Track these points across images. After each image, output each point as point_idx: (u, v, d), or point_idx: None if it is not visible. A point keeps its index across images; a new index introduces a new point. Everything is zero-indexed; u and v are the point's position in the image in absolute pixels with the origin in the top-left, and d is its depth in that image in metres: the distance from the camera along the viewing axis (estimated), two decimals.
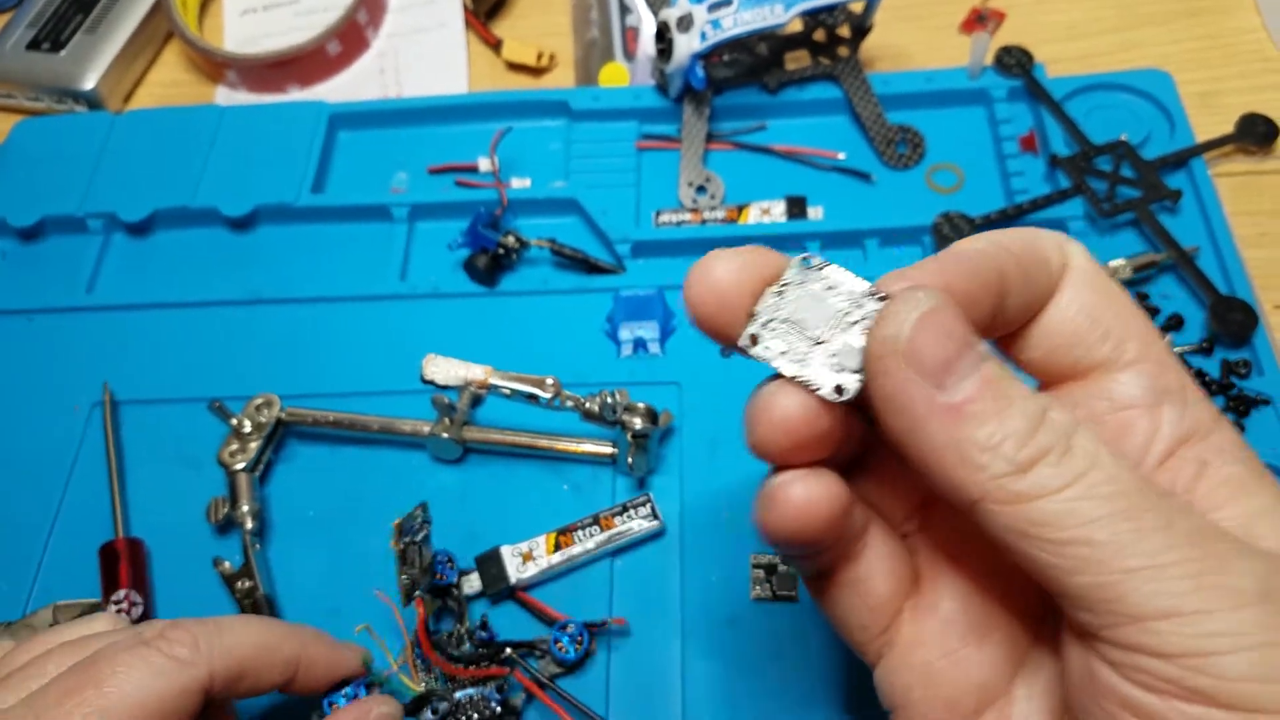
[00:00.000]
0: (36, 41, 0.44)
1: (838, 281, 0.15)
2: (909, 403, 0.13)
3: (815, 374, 0.15)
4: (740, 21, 0.35)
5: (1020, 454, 0.13)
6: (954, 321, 0.13)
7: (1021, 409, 0.13)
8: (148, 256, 0.38)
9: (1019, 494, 0.13)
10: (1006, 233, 0.15)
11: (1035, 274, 0.15)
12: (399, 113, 0.40)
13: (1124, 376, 0.15)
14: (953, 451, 0.13)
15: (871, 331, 0.14)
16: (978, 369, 0.13)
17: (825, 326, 0.15)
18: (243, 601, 0.29)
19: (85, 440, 0.34)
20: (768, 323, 0.15)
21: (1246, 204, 0.36)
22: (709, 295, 0.15)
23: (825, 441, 0.15)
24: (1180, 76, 0.39)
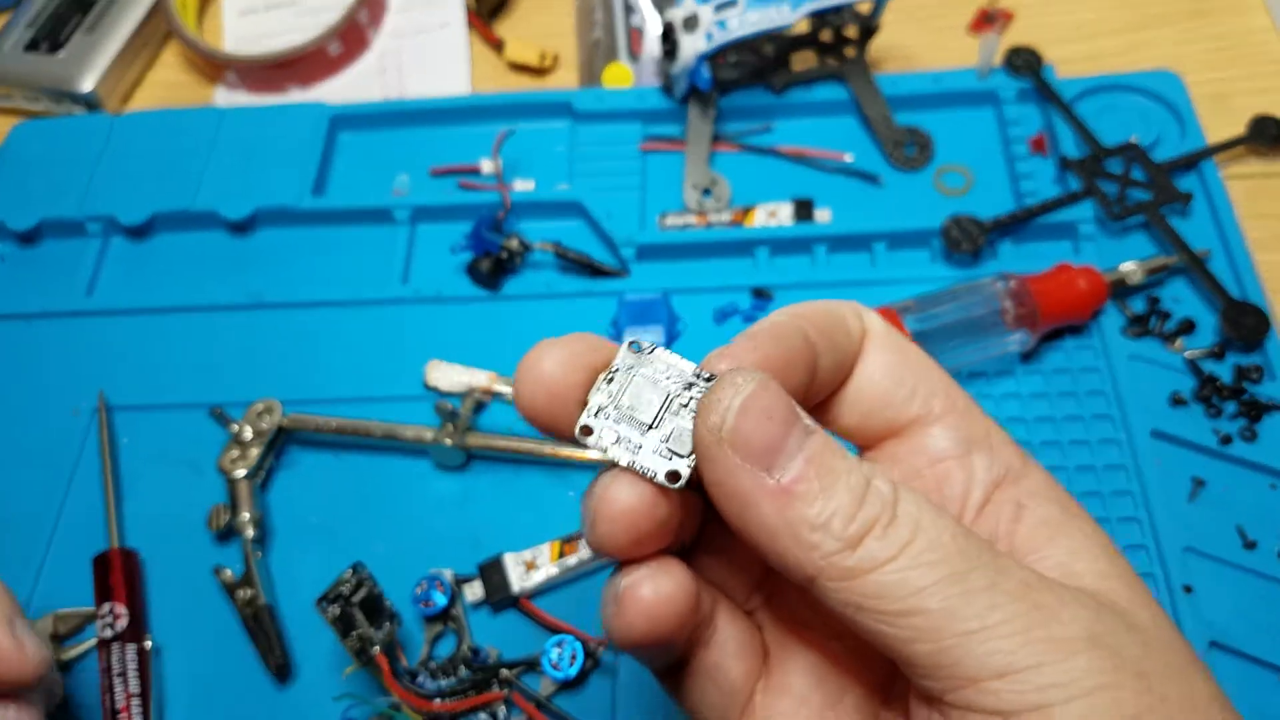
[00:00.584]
0: (35, 42, 0.44)
1: (666, 365, 0.15)
2: (739, 487, 0.14)
3: (650, 461, 0.15)
4: (746, 22, 0.35)
5: (848, 530, 0.13)
6: (775, 401, 0.14)
7: (846, 483, 0.14)
8: (147, 260, 0.38)
9: (850, 570, 0.13)
10: (803, 305, 0.16)
11: (838, 338, 0.16)
12: (401, 114, 0.40)
13: (934, 430, 0.16)
14: (786, 532, 0.13)
15: (696, 420, 0.14)
16: (802, 447, 0.14)
17: (657, 412, 0.15)
18: (243, 610, 0.29)
19: (85, 445, 0.33)
20: (599, 412, 0.15)
21: (1259, 206, 0.36)
22: (538, 389, 0.15)
23: (666, 530, 0.15)
24: (1190, 77, 0.38)
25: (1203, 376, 0.32)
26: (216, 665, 0.29)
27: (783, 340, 0.15)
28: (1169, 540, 0.29)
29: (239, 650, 0.29)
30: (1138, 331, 0.33)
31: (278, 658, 0.28)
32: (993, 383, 0.32)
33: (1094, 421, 0.31)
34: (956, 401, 0.16)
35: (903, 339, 0.17)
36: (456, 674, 0.27)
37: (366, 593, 0.26)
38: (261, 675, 0.29)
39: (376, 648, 0.25)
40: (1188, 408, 0.31)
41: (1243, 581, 0.28)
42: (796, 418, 0.14)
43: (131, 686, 0.28)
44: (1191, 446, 0.30)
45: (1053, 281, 0.32)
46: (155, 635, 0.29)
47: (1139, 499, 0.30)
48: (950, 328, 0.31)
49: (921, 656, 0.13)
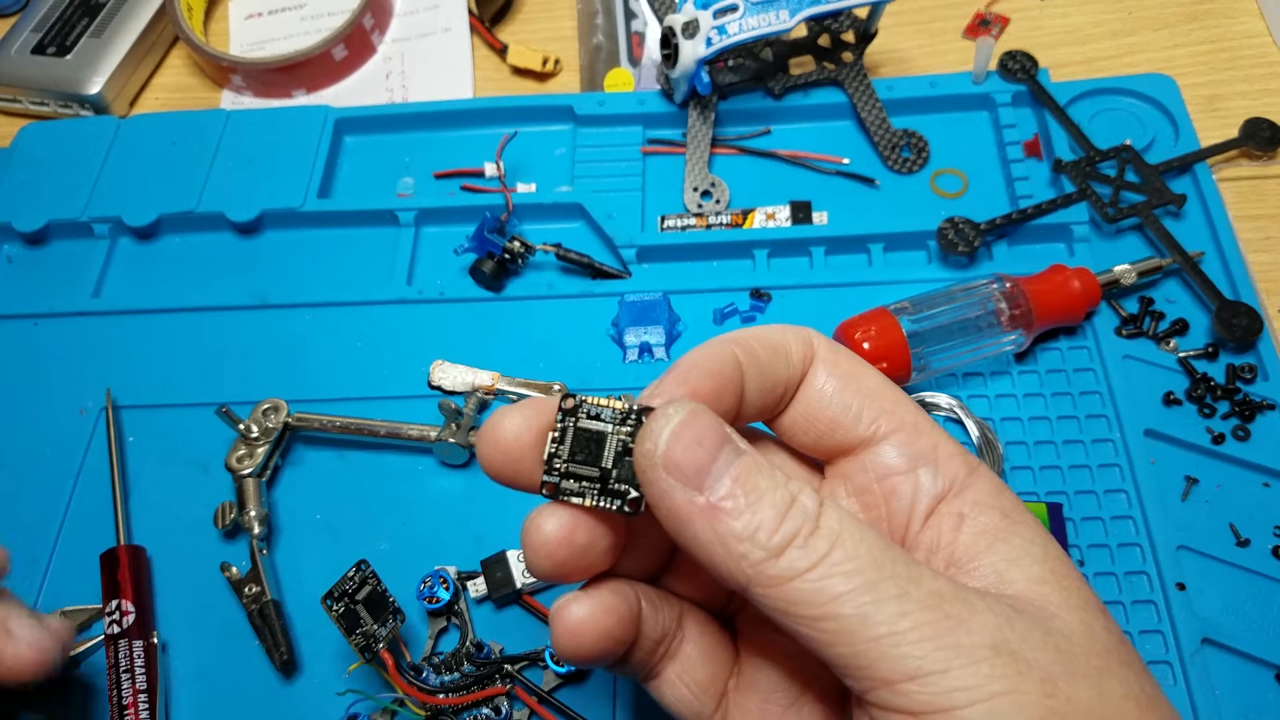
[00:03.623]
0: (42, 46, 0.44)
1: (599, 409, 0.17)
2: (674, 506, 0.15)
3: (608, 500, 0.16)
4: (745, 27, 0.35)
5: (772, 540, 0.14)
6: (704, 428, 0.15)
7: (771, 499, 0.15)
8: (154, 261, 0.39)
9: (775, 577, 0.14)
10: (743, 332, 0.17)
11: (774, 365, 0.17)
12: (405, 117, 0.40)
13: (883, 448, 0.17)
14: (718, 545, 0.15)
15: (634, 449, 0.16)
16: (729, 468, 0.15)
17: (604, 454, 0.16)
18: (249, 606, 0.29)
19: (92, 444, 0.34)
20: (554, 468, 0.17)
21: (1251, 208, 0.36)
22: (497, 454, 0.17)
23: (596, 555, 0.17)
24: (1184, 81, 0.39)
25: (1196, 376, 0.32)
26: (223, 661, 0.29)
27: (710, 373, 0.16)
28: (1162, 538, 0.29)
29: (245, 646, 0.29)
30: (1131, 332, 0.33)
31: (283, 654, 0.28)
32: (988, 383, 0.33)
33: (1088, 421, 0.32)
34: (904, 419, 0.17)
35: (852, 363, 0.18)
36: (460, 669, 0.27)
37: (371, 589, 0.26)
38: (267, 671, 0.29)
39: (381, 644, 0.26)
40: (1181, 407, 0.32)
41: (1235, 579, 0.28)
42: (725, 441, 0.15)
43: (139, 682, 0.28)
44: (1185, 445, 0.31)
45: (1047, 283, 0.32)
46: (162, 631, 0.30)
47: (1132, 497, 0.30)
48: (946, 328, 0.31)
49: (841, 659, 0.14)
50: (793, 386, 0.18)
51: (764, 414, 0.18)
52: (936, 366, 0.31)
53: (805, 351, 0.18)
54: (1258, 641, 0.27)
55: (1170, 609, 0.28)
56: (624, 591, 0.17)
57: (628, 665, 0.18)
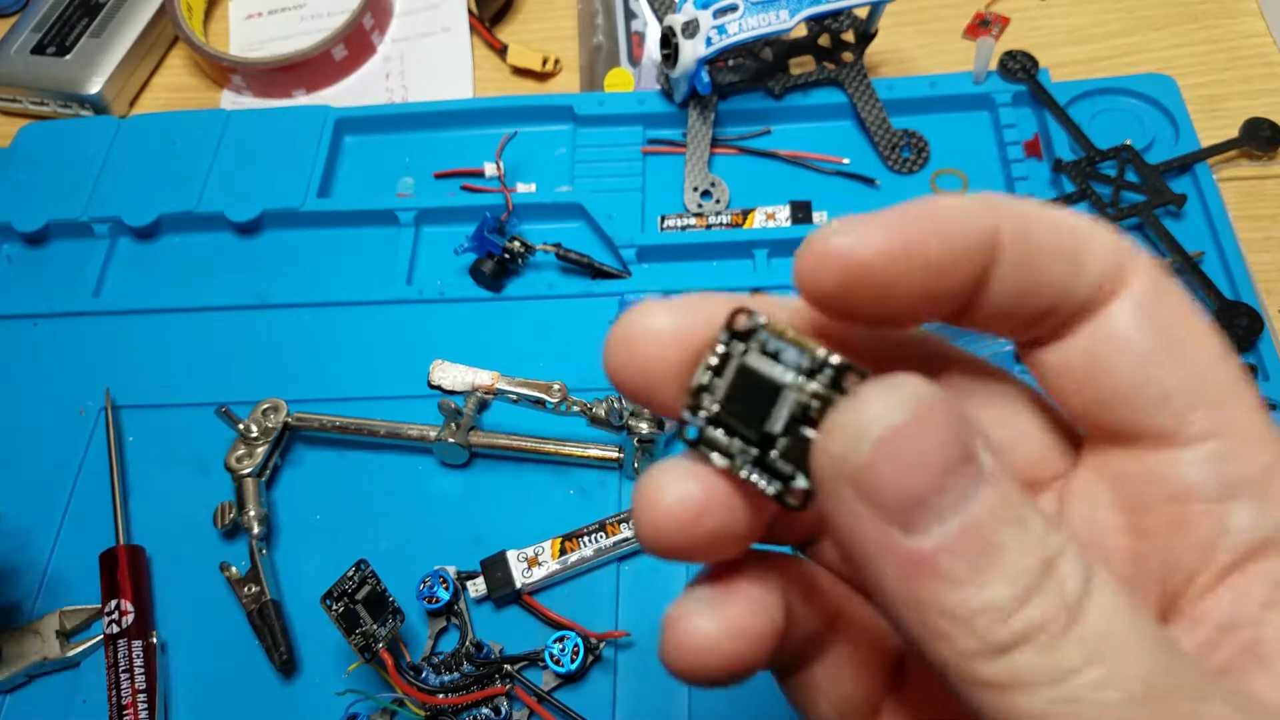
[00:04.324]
0: (42, 46, 0.44)
1: (781, 344, 0.11)
2: (860, 541, 0.10)
3: (760, 477, 0.11)
4: (745, 27, 0.35)
5: (999, 632, 0.09)
6: (934, 439, 0.10)
7: (1014, 567, 0.10)
8: (154, 261, 0.39)
9: (989, 680, 0.10)
10: (1032, 202, 0.12)
11: (1051, 265, 0.11)
12: (405, 117, 0.40)
13: (1188, 455, 0.11)
14: (915, 613, 0.10)
15: (820, 438, 0.10)
16: (962, 509, 0.10)
17: (773, 413, 0.11)
18: (249, 606, 0.29)
19: (92, 444, 0.34)
20: (701, 405, 0.12)
21: (1251, 208, 0.36)
22: (633, 367, 0.12)
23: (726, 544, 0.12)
24: (1184, 81, 0.39)
25: None
26: (222, 661, 0.29)
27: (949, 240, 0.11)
28: None
29: (244, 646, 0.29)
30: None
31: (283, 654, 0.28)
32: None
33: None
34: (1234, 421, 0.11)
35: (1182, 316, 0.12)
36: (459, 669, 0.27)
37: (370, 589, 0.26)
38: (267, 671, 0.29)
39: (380, 643, 0.26)
40: None
41: None
42: (965, 463, 0.10)
43: (138, 682, 0.28)
44: None
45: None
46: (161, 631, 0.30)
47: None
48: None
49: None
50: (1074, 310, 0.12)
51: (1015, 330, 0.12)
52: None
53: (1113, 268, 0.11)
54: None
55: None
56: (764, 598, 0.12)
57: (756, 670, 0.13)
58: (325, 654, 0.29)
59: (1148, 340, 0.11)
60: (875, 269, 0.11)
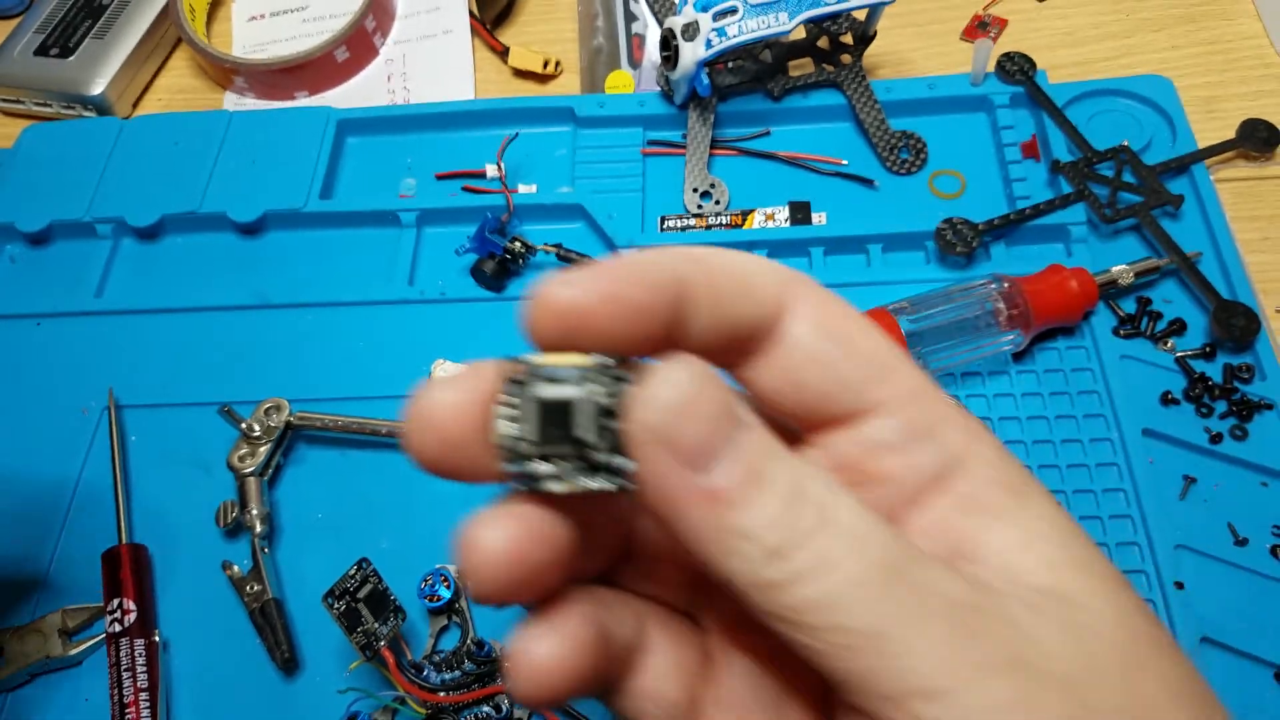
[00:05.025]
0: (45, 47, 0.45)
1: (556, 370, 0.13)
2: (669, 490, 0.13)
3: (600, 478, 0.13)
4: (745, 29, 0.35)
5: (775, 540, 0.12)
6: (713, 398, 0.13)
7: (779, 489, 0.12)
8: (156, 261, 0.39)
9: (774, 582, 0.12)
10: (711, 250, 0.14)
11: (733, 300, 0.14)
12: (406, 119, 0.41)
13: (877, 421, 0.14)
14: (713, 539, 0.12)
15: (628, 419, 0.13)
16: (736, 447, 0.13)
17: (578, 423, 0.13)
18: (251, 605, 0.29)
19: (94, 443, 0.34)
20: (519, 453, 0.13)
21: (1248, 209, 0.37)
22: (433, 441, 0.13)
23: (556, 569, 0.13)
24: (1181, 82, 0.39)
25: (1193, 376, 0.32)
26: (224, 659, 0.29)
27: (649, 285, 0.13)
28: (1160, 537, 0.29)
29: (246, 645, 0.29)
30: (1129, 332, 0.34)
31: (284, 652, 0.28)
32: (986, 382, 0.33)
33: (1086, 420, 0.32)
34: (905, 387, 0.14)
35: (847, 318, 0.15)
36: (461, 667, 0.27)
37: (372, 588, 0.27)
38: (268, 669, 0.29)
39: (382, 642, 0.26)
40: (1179, 407, 0.32)
41: (1234, 578, 0.29)
42: (731, 412, 0.13)
43: (140, 681, 0.28)
44: (1182, 445, 0.31)
45: (1045, 283, 0.32)
46: (164, 630, 0.30)
47: (1131, 496, 0.30)
48: (944, 328, 0.31)
49: (843, 673, 0.12)
50: (761, 333, 0.14)
51: (720, 359, 0.15)
52: (935, 366, 0.32)
53: (783, 293, 0.14)
54: (1256, 640, 0.27)
55: (1169, 608, 0.28)
56: (586, 611, 0.14)
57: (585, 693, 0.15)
58: (327, 652, 0.29)
59: (822, 344, 0.14)
60: (589, 315, 0.13)
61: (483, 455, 0.13)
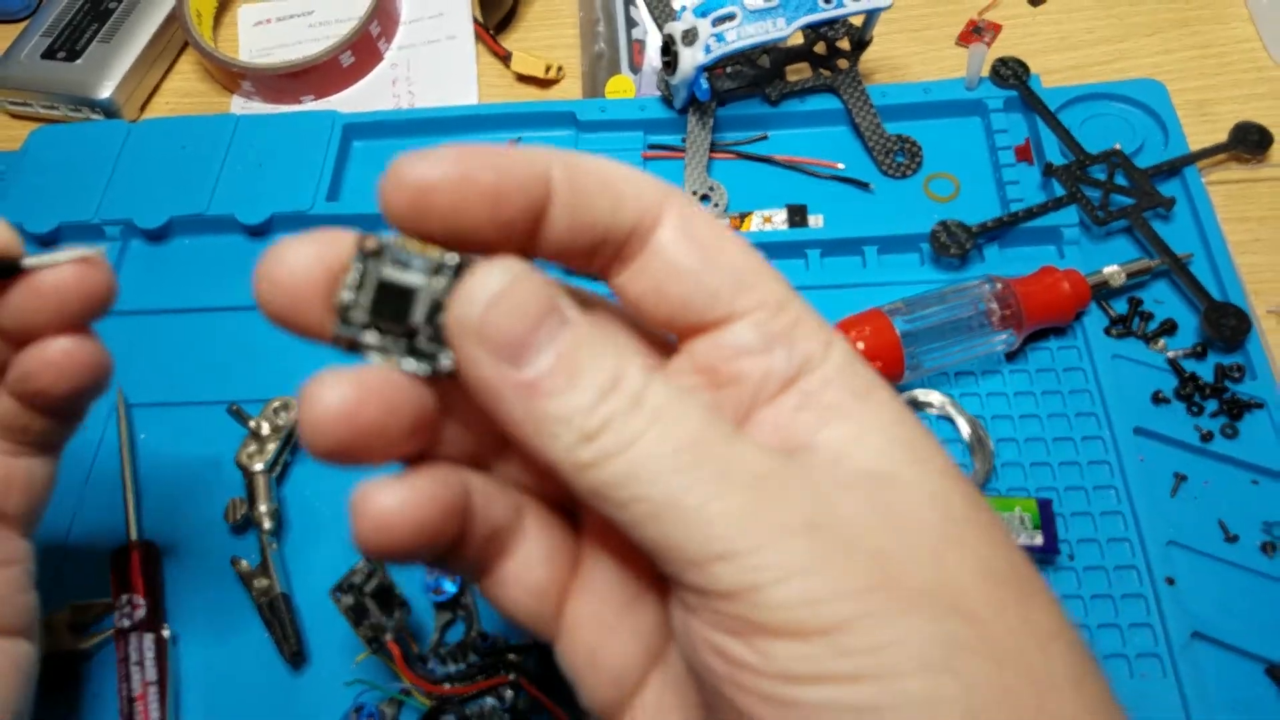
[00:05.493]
0: (52, 50, 0.45)
1: (408, 255, 0.14)
2: (487, 381, 0.13)
3: (417, 361, 0.14)
4: (744, 35, 0.36)
5: (588, 423, 0.13)
6: (528, 295, 0.13)
7: (591, 379, 0.13)
8: (165, 263, 0.39)
9: (586, 461, 0.13)
10: (583, 154, 0.15)
11: (596, 202, 0.15)
12: (411, 123, 0.41)
13: (739, 326, 0.15)
14: (530, 425, 0.13)
15: (448, 310, 0.14)
16: (553, 343, 0.13)
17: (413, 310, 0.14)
18: (259, 600, 0.30)
19: (103, 442, 0.34)
20: (351, 320, 0.14)
21: (1239, 210, 0.37)
22: (277, 294, 0.14)
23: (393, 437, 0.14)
24: (1174, 86, 0.39)
25: (1184, 375, 0.33)
26: (232, 653, 0.30)
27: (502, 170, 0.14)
28: (1151, 534, 0.30)
29: (254, 639, 0.30)
30: (1120, 332, 0.34)
31: (292, 646, 0.29)
32: (979, 381, 0.33)
33: (1078, 419, 0.32)
34: (767, 296, 0.15)
35: (712, 230, 0.15)
36: (466, 659, 0.28)
37: (378, 582, 0.27)
38: (276, 662, 0.29)
39: (388, 635, 0.26)
40: (1170, 406, 0.32)
41: (1224, 574, 0.29)
42: (551, 312, 0.14)
43: (149, 675, 0.29)
44: (1173, 443, 0.31)
45: (1037, 284, 0.33)
46: (172, 625, 0.30)
47: (1122, 494, 0.31)
48: (938, 328, 0.32)
49: (651, 541, 0.13)
50: (622, 238, 0.15)
51: (576, 260, 0.15)
52: (929, 365, 0.32)
53: (655, 204, 0.15)
54: (1247, 636, 0.28)
55: (1160, 603, 0.28)
56: (447, 478, 0.15)
57: (454, 564, 0.16)
58: (334, 646, 0.30)
59: (689, 255, 0.15)
60: (439, 192, 0.14)
61: (322, 314, 0.14)
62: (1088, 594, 0.29)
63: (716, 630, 0.13)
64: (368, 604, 0.27)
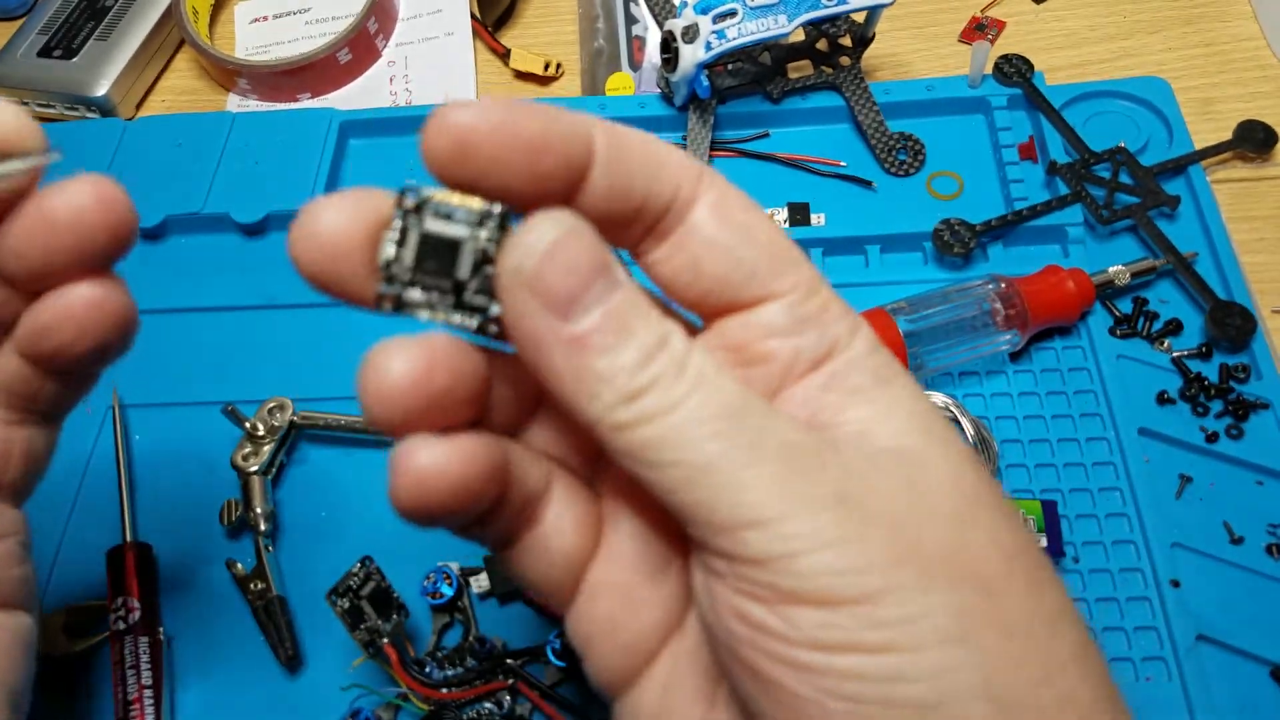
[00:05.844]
0: (48, 49, 0.45)
1: (450, 208, 0.14)
2: (534, 332, 0.13)
3: (464, 315, 0.14)
4: (744, 32, 0.35)
5: (631, 384, 0.13)
6: (583, 250, 0.13)
7: (640, 340, 0.13)
8: (160, 262, 0.39)
9: (625, 422, 0.13)
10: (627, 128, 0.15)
11: (639, 172, 0.15)
12: (409, 120, 0.41)
13: (771, 307, 0.15)
14: (572, 380, 0.13)
15: (498, 261, 0.14)
16: (604, 300, 0.13)
17: (459, 263, 0.14)
18: (255, 602, 0.30)
19: (98, 443, 0.34)
20: (395, 277, 0.14)
21: (1244, 210, 0.37)
22: (317, 253, 0.14)
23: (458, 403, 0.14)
24: (1178, 84, 0.39)
25: (1189, 376, 0.32)
26: (228, 657, 0.30)
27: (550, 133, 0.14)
28: (1156, 536, 0.29)
29: (250, 642, 0.30)
30: (1125, 332, 0.34)
31: (288, 649, 0.29)
32: (983, 382, 0.33)
33: (1082, 420, 0.32)
34: (800, 279, 0.15)
35: (749, 210, 0.16)
36: (463, 664, 0.28)
37: (375, 586, 0.27)
38: (272, 666, 0.29)
39: (385, 639, 0.26)
40: (1175, 406, 0.32)
41: (1230, 576, 0.29)
42: (604, 270, 0.14)
43: (144, 678, 0.28)
44: (1178, 444, 0.31)
45: (1042, 283, 0.33)
46: (168, 627, 0.30)
47: (1127, 495, 0.30)
48: (942, 328, 0.32)
49: (683, 505, 0.13)
50: (659, 211, 0.15)
51: (612, 230, 0.15)
52: (933, 366, 0.32)
53: (689, 178, 0.15)
54: (1252, 638, 0.28)
55: (1165, 605, 0.28)
56: (489, 442, 0.15)
57: (485, 530, 0.16)
58: (330, 649, 0.29)
59: (725, 233, 0.15)
60: (482, 139, 0.13)
61: (362, 274, 0.14)
62: (1092, 597, 0.29)
63: (742, 596, 0.13)
64: (364, 607, 0.26)
